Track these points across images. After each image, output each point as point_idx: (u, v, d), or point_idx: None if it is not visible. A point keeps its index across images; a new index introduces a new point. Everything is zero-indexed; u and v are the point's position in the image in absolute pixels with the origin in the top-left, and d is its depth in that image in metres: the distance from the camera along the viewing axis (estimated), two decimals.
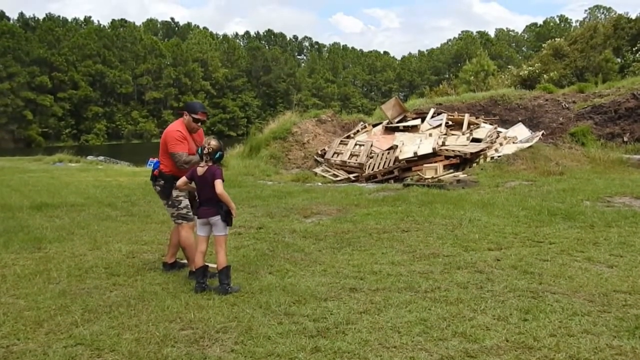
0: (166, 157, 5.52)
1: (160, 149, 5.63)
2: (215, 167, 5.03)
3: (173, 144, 5.44)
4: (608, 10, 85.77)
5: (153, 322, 4.16)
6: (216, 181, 4.93)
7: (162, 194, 5.58)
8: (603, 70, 28.38)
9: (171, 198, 5.49)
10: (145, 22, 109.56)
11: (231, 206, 4.95)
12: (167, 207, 5.61)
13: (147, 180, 13.86)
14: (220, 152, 5.04)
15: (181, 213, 5.51)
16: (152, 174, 5.60)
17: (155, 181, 5.58)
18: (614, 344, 3.56)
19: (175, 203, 5.50)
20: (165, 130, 5.62)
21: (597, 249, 6.01)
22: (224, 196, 4.93)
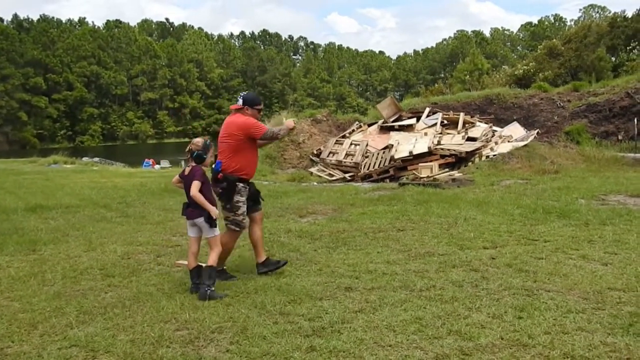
0: (234, 155, 5.23)
1: (223, 149, 5.27)
2: (197, 167, 4.92)
3: (256, 127, 5.26)
4: (602, 9, 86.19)
5: (148, 323, 4.15)
6: (193, 182, 4.82)
7: (223, 196, 5.25)
8: (597, 69, 28.45)
9: (232, 202, 5.23)
10: (140, 22, 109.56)
11: (208, 208, 4.83)
12: (224, 210, 5.29)
13: (143, 182, 13.90)
14: (197, 153, 4.89)
15: (237, 219, 5.26)
16: (215, 176, 5.22)
17: (217, 182, 5.21)
18: (608, 341, 3.56)
19: (234, 208, 5.23)
20: (233, 125, 5.28)
21: (591, 247, 6.03)
22: (197, 198, 4.81)
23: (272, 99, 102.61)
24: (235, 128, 5.26)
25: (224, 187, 5.21)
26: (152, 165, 29.65)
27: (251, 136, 5.28)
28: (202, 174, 4.87)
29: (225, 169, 5.20)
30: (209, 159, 4.99)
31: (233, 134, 5.25)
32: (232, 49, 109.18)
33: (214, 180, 5.19)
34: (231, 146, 5.23)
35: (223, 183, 5.20)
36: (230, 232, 5.29)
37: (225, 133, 5.31)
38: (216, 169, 5.19)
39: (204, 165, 4.96)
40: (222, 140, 5.31)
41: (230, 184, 5.19)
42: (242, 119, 5.31)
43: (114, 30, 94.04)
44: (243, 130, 5.24)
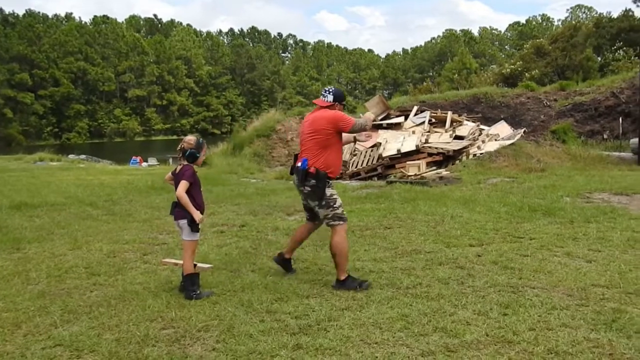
0: (322, 152, 4.92)
1: (309, 146, 4.97)
2: (188, 166, 4.74)
3: (345, 120, 4.97)
4: (589, 9, 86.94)
5: (134, 322, 4.12)
6: (181, 182, 4.64)
7: (313, 195, 4.94)
8: (584, 69, 28.72)
9: (325, 198, 4.90)
10: (128, 18, 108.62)
11: (191, 211, 4.62)
12: (320, 209, 4.96)
13: (130, 179, 13.81)
14: (190, 151, 4.70)
15: (337, 213, 4.93)
16: (302, 176, 4.90)
17: (304, 182, 4.91)
18: (591, 337, 3.60)
19: (330, 202, 4.91)
20: (321, 120, 4.97)
21: (576, 244, 6.09)
22: (181, 199, 4.60)
23: (260, 97, 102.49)
24: (324, 122, 4.97)
25: (313, 185, 4.89)
26: (140, 162, 29.45)
27: (340, 129, 5.00)
28: (192, 174, 4.69)
29: (315, 166, 4.89)
30: (201, 158, 4.80)
31: (322, 128, 4.95)
32: (220, 46, 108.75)
33: (301, 180, 4.93)
34: (319, 142, 4.94)
35: (311, 181, 4.89)
36: (338, 229, 4.95)
37: (311, 129, 5.00)
38: (303, 168, 4.90)
39: (197, 164, 4.78)
40: (309, 137, 5.00)
41: (320, 180, 4.87)
42: (329, 112, 5.03)
43: (101, 26, 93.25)
44: (333, 124, 4.95)
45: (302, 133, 5.14)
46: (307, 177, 4.89)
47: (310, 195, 4.95)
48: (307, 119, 5.19)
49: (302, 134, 5.13)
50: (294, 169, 5.09)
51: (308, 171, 4.88)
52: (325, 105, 5.09)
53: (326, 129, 4.94)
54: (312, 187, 4.90)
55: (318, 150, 4.94)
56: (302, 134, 5.13)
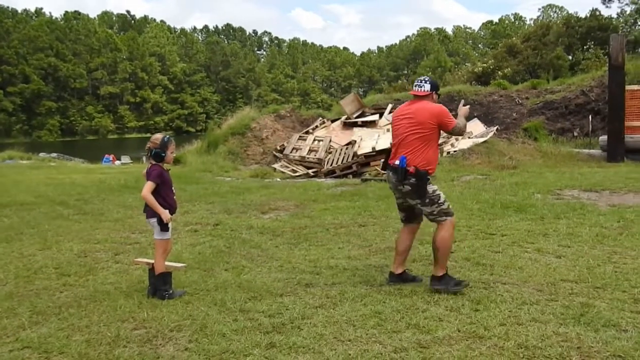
0: (422, 148, 4.58)
1: (410, 140, 4.59)
2: (155, 166, 4.59)
3: (449, 117, 4.59)
4: (560, 9, 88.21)
5: (105, 323, 4.07)
6: (147, 183, 4.54)
7: (413, 194, 4.61)
8: (555, 68, 29.20)
9: (428, 195, 4.58)
10: (100, 14, 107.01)
11: (159, 211, 4.50)
12: (423, 207, 4.64)
13: (102, 178, 13.62)
14: (154, 150, 4.57)
15: (443, 209, 4.63)
16: (402, 174, 4.55)
17: (404, 180, 4.56)
18: (560, 331, 3.67)
19: (435, 199, 4.60)
20: (425, 112, 4.58)
21: (546, 240, 6.19)
22: (147, 199, 4.52)
23: (236, 94, 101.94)
24: (428, 115, 4.57)
25: (413, 184, 4.56)
26: (113, 161, 29.05)
27: (443, 127, 4.62)
28: (158, 175, 4.56)
29: (411, 164, 4.55)
30: (169, 156, 4.65)
31: (426, 122, 4.56)
32: (195, 43, 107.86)
33: (399, 179, 4.59)
34: (422, 137, 4.57)
35: (411, 179, 4.55)
36: (445, 225, 4.65)
37: (414, 122, 4.59)
38: (402, 166, 4.54)
39: (166, 162, 4.67)
40: (410, 131, 4.59)
41: (421, 178, 4.53)
42: (432, 105, 4.66)
43: (72, 21, 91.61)
44: (437, 119, 4.57)
45: (399, 127, 4.70)
46: (406, 175, 4.55)
47: (410, 193, 4.63)
48: (403, 112, 4.76)
49: (399, 127, 4.70)
50: (388, 165, 4.76)
51: (407, 170, 4.55)
52: (423, 94, 4.71)
53: (431, 122, 4.57)
54: (411, 186, 4.58)
55: (419, 146, 4.57)
56: (399, 127, 4.70)
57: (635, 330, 3.65)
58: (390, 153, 4.83)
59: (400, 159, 4.57)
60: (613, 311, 4.00)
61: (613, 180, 10.31)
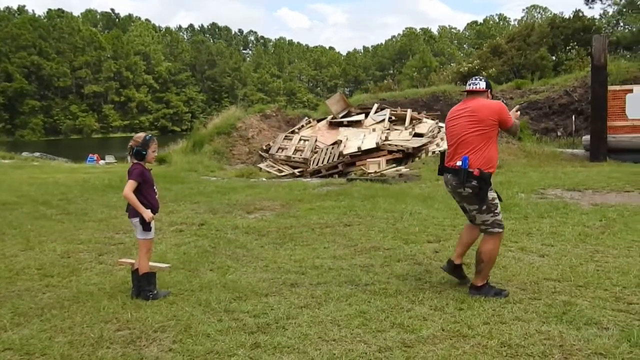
0: (483, 146, 4.38)
1: (470, 139, 4.39)
2: (136, 165, 4.56)
3: (508, 114, 4.46)
4: (544, 9, 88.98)
5: (88, 324, 4.03)
6: (128, 181, 4.52)
7: (473, 198, 4.43)
8: (539, 68, 29.44)
9: (487, 202, 4.41)
10: (84, 12, 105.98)
11: (140, 211, 4.47)
12: (478, 214, 4.48)
13: (86, 177, 13.49)
14: (135, 149, 4.55)
15: (497, 219, 4.47)
16: (464, 176, 4.34)
17: (465, 182, 4.36)
18: (542, 330, 3.70)
19: (491, 207, 4.45)
20: (485, 109, 4.42)
21: (530, 239, 6.24)
22: (128, 198, 4.49)
23: (221, 94, 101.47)
24: (489, 112, 4.40)
25: (475, 187, 4.36)
26: (97, 160, 28.79)
27: (503, 123, 4.45)
28: (139, 173, 4.53)
29: (474, 165, 4.35)
30: (150, 155, 4.61)
31: (487, 118, 4.38)
32: (180, 42, 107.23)
33: (460, 182, 4.38)
34: (484, 134, 4.39)
35: (473, 182, 4.35)
36: (495, 236, 4.51)
37: (473, 119, 4.41)
38: (464, 167, 4.34)
39: (147, 161, 4.64)
40: (470, 129, 4.41)
41: (485, 182, 4.35)
42: (491, 101, 4.55)
43: (56, 19, 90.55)
44: (499, 115, 4.40)
45: (456, 126, 4.51)
46: (468, 177, 4.35)
47: (470, 198, 4.45)
48: (458, 111, 4.58)
49: (456, 126, 4.51)
50: (445, 168, 4.57)
51: (471, 172, 4.34)
52: (480, 90, 4.57)
53: (492, 119, 4.40)
54: (473, 189, 4.38)
55: (481, 144, 4.38)
56: (456, 126, 4.51)
57: (617, 328, 3.70)
58: (444, 156, 4.67)
59: (462, 159, 4.37)
60: (595, 309, 4.05)
61: (596, 179, 10.43)
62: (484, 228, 4.52)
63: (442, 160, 4.69)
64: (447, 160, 4.58)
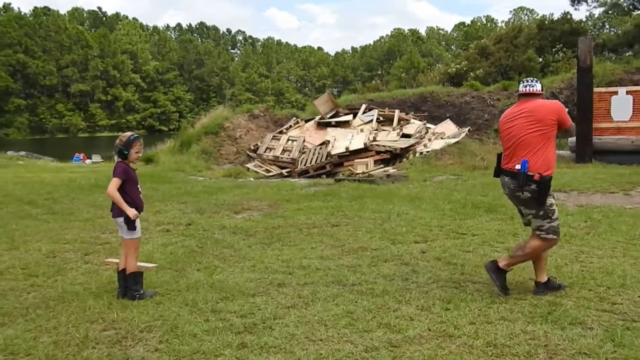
0: (542, 148, 4.32)
1: (529, 140, 4.32)
2: (119, 163, 4.58)
3: (566, 114, 4.39)
4: (531, 11, 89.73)
5: (73, 324, 4.01)
6: (112, 179, 4.51)
7: (532, 202, 4.38)
8: (526, 69, 29.67)
9: (545, 207, 4.37)
10: (71, 11, 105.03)
11: (124, 209, 4.46)
12: (535, 218, 4.44)
13: (72, 177, 13.38)
14: (118, 148, 4.58)
15: (553, 226, 4.43)
16: (524, 179, 4.28)
17: (524, 186, 4.29)
18: (528, 329, 3.73)
19: (549, 213, 4.40)
20: (543, 109, 4.37)
21: (515, 240, 6.28)
22: (112, 196, 4.49)
23: (209, 93, 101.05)
24: (547, 112, 4.34)
25: (534, 191, 4.31)
26: (83, 159, 28.52)
27: (562, 123, 4.38)
28: (123, 171, 4.54)
29: (533, 168, 4.29)
30: (133, 155, 4.60)
31: (547, 118, 4.33)
32: (167, 41, 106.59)
33: (519, 185, 4.31)
34: (544, 135, 4.33)
35: (532, 185, 4.29)
36: (548, 241, 4.47)
37: (532, 119, 4.34)
38: (523, 170, 4.27)
39: (130, 161, 4.63)
40: (529, 130, 4.34)
41: (544, 185, 4.29)
42: (549, 101, 4.53)
43: (42, 17, 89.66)
44: (558, 115, 4.35)
45: (514, 127, 4.44)
46: (528, 181, 4.29)
47: (528, 202, 4.40)
48: (515, 113, 4.51)
49: (514, 128, 4.43)
50: (503, 170, 4.52)
51: (531, 176, 4.29)
52: (536, 92, 4.50)
53: (551, 118, 4.34)
54: (532, 193, 4.33)
55: (540, 144, 4.33)
56: (514, 128, 4.43)
57: (601, 328, 3.74)
58: (500, 158, 4.62)
59: (521, 162, 4.30)
60: (579, 309, 4.09)
61: (581, 180, 10.52)
62: (539, 234, 4.47)
63: (498, 162, 4.64)
64: (505, 163, 4.52)
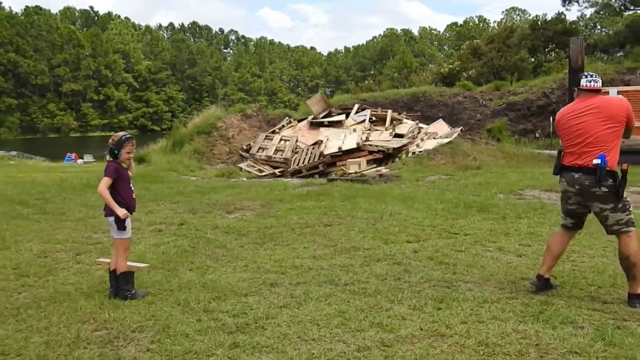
0: (614, 145, 4.28)
1: (603, 137, 4.25)
2: (110, 163, 4.56)
3: (632, 112, 4.32)
4: (523, 12, 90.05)
5: (64, 324, 3.99)
6: (103, 178, 4.50)
7: (609, 198, 4.28)
8: (518, 69, 29.80)
9: (622, 200, 4.28)
10: (62, 10, 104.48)
11: (113, 208, 4.44)
12: (613, 213, 4.31)
13: (63, 177, 13.31)
14: (110, 147, 4.56)
15: (631, 218, 4.33)
16: (602, 175, 4.20)
17: (602, 182, 4.22)
18: (519, 329, 3.75)
19: (626, 205, 4.31)
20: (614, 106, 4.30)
21: (507, 239, 6.32)
22: (102, 195, 4.47)
23: (202, 93, 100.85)
24: (618, 109, 4.29)
25: (611, 186, 4.24)
26: (75, 159, 28.40)
27: (629, 121, 4.33)
28: (114, 170, 4.53)
29: (610, 164, 4.26)
30: (123, 155, 4.59)
31: (617, 115, 4.27)
32: (160, 41, 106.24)
33: (597, 181, 4.23)
34: (615, 132, 4.28)
35: (609, 180, 4.23)
36: (632, 236, 4.32)
37: (603, 116, 4.27)
38: (602, 165, 4.20)
39: (121, 161, 4.60)
40: (602, 126, 4.26)
41: (624, 178, 4.24)
42: (617, 98, 4.49)
43: (33, 17, 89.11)
44: (627, 112, 4.30)
45: (583, 124, 4.33)
46: (606, 176, 4.22)
47: (605, 197, 4.28)
48: (580, 109, 4.39)
49: (584, 124, 4.33)
50: (569, 167, 4.42)
51: (609, 171, 4.23)
52: (599, 89, 4.42)
53: (622, 115, 4.28)
54: (610, 188, 4.24)
55: (614, 141, 4.28)
56: (584, 124, 4.33)
57: (592, 327, 3.76)
58: (561, 155, 4.54)
59: (599, 157, 4.21)
60: (570, 308, 4.11)
61: None
62: (618, 228, 4.35)
63: (559, 159, 4.55)
64: (572, 159, 4.41)
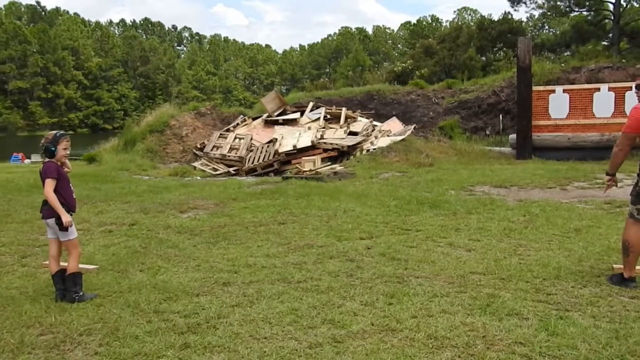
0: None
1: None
2: (49, 163, 4.46)
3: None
4: (474, 11, 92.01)
5: (8, 329, 3.86)
6: (46, 180, 4.40)
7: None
8: (468, 68, 30.47)
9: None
10: (7, 5, 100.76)
11: (58, 211, 4.38)
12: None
13: (9, 177, 12.85)
14: (45, 145, 4.45)
15: None
16: None
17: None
18: (467, 321, 3.84)
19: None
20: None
21: (458, 235, 6.45)
22: (49, 198, 4.39)
23: (155, 91, 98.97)
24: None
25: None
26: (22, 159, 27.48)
27: None
28: (55, 170, 4.43)
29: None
30: (60, 152, 4.48)
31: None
32: (111, 37, 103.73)
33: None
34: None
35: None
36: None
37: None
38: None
39: (58, 159, 4.49)
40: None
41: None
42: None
43: None
44: None
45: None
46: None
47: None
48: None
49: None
50: None
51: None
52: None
53: None
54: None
55: None
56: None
57: (536, 318, 3.88)
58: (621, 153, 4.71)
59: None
60: (516, 301, 4.23)
61: (521, 176, 10.89)
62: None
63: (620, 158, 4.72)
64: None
